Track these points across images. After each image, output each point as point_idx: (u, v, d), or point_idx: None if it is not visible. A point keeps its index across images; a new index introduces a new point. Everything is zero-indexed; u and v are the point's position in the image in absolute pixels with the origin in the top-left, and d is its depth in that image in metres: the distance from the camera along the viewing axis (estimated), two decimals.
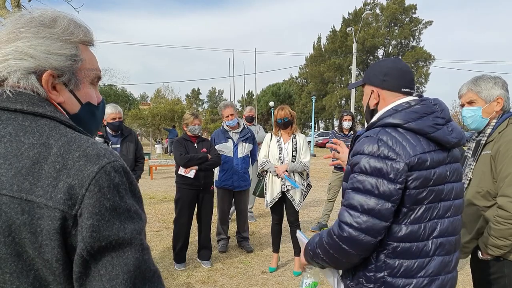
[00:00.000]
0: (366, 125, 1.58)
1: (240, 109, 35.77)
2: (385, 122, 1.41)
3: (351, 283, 1.47)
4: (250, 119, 6.18)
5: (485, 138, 1.99)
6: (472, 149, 2.10)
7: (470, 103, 2.05)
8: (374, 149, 1.34)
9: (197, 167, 4.25)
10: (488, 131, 1.99)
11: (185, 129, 4.43)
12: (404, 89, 1.50)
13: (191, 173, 4.24)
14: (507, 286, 1.88)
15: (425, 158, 1.34)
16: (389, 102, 1.49)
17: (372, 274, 1.39)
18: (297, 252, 4.20)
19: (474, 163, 2.02)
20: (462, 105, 2.11)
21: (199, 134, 4.51)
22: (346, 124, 5.86)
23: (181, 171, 4.29)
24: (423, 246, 1.36)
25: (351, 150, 1.53)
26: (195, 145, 4.40)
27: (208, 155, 4.33)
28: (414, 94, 1.53)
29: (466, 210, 1.98)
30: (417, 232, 1.35)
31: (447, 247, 1.41)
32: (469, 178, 2.03)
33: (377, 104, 1.55)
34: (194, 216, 4.50)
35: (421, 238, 1.36)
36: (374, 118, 1.51)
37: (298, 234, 1.86)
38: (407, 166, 1.31)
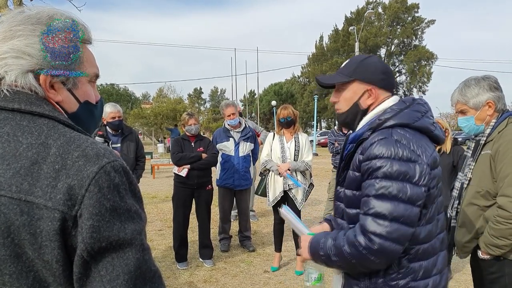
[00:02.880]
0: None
1: (242, 108, 35.70)
2: (393, 122, 1.33)
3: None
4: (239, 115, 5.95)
5: (485, 138, 1.98)
6: (472, 148, 2.10)
7: (462, 112, 2.05)
8: (394, 151, 1.26)
9: (189, 166, 4.28)
10: (488, 131, 1.98)
11: (183, 128, 4.48)
12: (393, 89, 1.51)
13: (183, 172, 4.28)
14: (508, 286, 1.87)
15: (436, 156, 1.34)
16: (380, 101, 1.44)
17: (395, 282, 1.31)
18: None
19: (474, 163, 2.02)
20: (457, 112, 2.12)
21: (198, 133, 4.52)
22: None
23: (175, 169, 4.36)
24: (433, 244, 1.36)
25: (344, 153, 1.50)
26: (192, 144, 4.43)
27: (203, 154, 4.35)
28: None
29: (466, 210, 2.00)
30: (431, 231, 1.35)
31: (445, 241, 1.43)
32: (468, 178, 2.03)
33: (371, 104, 1.45)
34: (194, 216, 4.51)
35: (433, 237, 1.36)
36: (368, 119, 1.44)
37: (283, 210, 1.71)
38: (429, 167, 1.28)
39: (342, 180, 1.47)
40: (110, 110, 4.18)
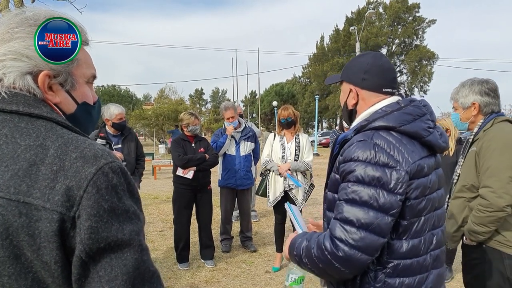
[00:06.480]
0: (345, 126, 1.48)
1: (243, 109, 35.70)
2: (378, 124, 1.26)
3: None
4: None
5: (472, 137, 2.17)
6: (463, 146, 2.29)
7: (455, 108, 2.28)
8: (370, 155, 1.20)
9: (195, 168, 4.25)
10: (475, 130, 2.16)
11: (185, 129, 4.43)
12: (386, 89, 1.38)
13: (189, 174, 4.23)
14: (486, 271, 2.01)
15: (423, 164, 1.24)
16: (370, 103, 1.38)
17: None
18: None
19: (463, 160, 2.20)
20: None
21: (199, 133, 4.52)
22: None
23: (179, 172, 4.28)
24: (423, 261, 1.27)
25: (333, 155, 1.41)
26: (193, 145, 4.41)
27: (206, 155, 4.34)
28: (396, 94, 1.42)
29: (454, 202, 2.20)
30: (418, 246, 1.26)
31: (441, 258, 1.33)
32: (458, 174, 2.22)
33: (355, 104, 1.42)
34: (193, 216, 4.51)
35: (421, 253, 1.27)
36: (359, 120, 1.38)
37: (286, 207, 1.71)
38: (408, 175, 1.19)
39: (327, 182, 1.43)
40: (117, 112, 4.16)
